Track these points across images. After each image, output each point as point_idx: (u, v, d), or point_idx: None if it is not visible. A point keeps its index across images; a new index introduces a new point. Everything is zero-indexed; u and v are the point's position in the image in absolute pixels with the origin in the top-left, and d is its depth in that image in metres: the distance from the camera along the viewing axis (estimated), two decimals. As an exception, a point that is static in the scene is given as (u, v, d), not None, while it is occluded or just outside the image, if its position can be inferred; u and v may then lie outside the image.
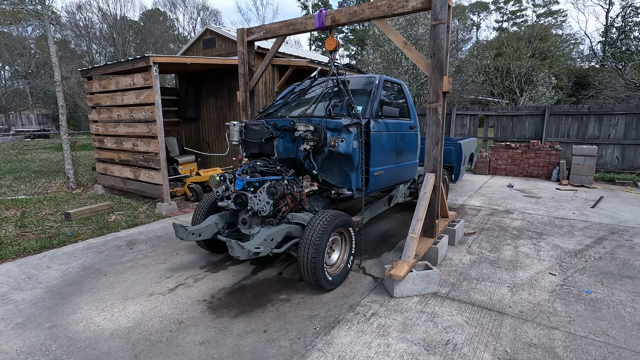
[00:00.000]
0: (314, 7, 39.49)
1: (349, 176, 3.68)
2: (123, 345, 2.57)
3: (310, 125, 3.47)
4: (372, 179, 3.84)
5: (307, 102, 4.29)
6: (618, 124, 9.19)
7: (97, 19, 31.72)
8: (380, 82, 4.20)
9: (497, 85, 22.42)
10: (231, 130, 4.09)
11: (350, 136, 3.48)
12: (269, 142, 3.99)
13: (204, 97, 8.68)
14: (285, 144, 3.91)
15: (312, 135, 3.47)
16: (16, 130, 24.69)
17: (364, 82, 4.30)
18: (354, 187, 3.71)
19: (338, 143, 3.43)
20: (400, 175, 4.54)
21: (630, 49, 18.43)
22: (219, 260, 4.08)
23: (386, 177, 4.15)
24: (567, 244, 4.56)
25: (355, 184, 3.70)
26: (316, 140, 3.48)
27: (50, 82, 23.18)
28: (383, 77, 4.32)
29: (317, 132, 3.49)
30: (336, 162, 3.67)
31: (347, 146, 3.45)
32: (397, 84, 4.71)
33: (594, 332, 2.70)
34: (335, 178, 3.79)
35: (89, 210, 5.86)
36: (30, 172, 10.10)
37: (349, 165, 3.61)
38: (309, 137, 3.46)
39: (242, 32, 5.08)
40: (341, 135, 3.46)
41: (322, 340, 2.61)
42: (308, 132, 3.46)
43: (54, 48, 7.34)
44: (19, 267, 3.92)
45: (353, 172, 3.65)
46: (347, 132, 3.48)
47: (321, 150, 3.58)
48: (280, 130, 3.89)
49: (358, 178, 3.70)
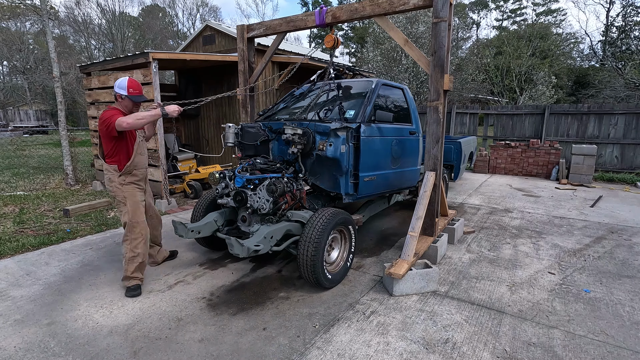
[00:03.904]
0: (314, 4, 39.32)
1: (338, 180, 3.66)
2: (122, 342, 2.56)
3: (298, 129, 3.49)
4: (362, 184, 3.80)
5: (305, 105, 4.28)
6: (618, 123, 9.20)
7: (96, 14, 31.60)
8: (377, 86, 4.17)
9: (497, 84, 22.42)
10: (227, 132, 4.09)
11: (339, 140, 3.47)
12: (265, 145, 4.00)
13: (204, 94, 8.65)
14: (279, 146, 3.92)
15: (300, 138, 3.48)
16: (14, 126, 24.61)
17: (360, 86, 4.28)
18: (343, 192, 3.70)
19: (326, 147, 3.43)
20: (399, 181, 4.47)
21: (631, 49, 18.42)
22: (218, 257, 4.08)
23: (380, 183, 4.08)
24: (567, 243, 4.56)
25: (344, 189, 3.69)
26: (304, 144, 3.50)
27: (48, 78, 23.10)
28: (381, 82, 4.29)
29: (305, 135, 3.49)
30: (325, 166, 3.66)
31: (334, 150, 3.45)
32: (399, 88, 4.67)
33: (593, 332, 2.71)
34: (324, 182, 3.78)
35: (87, 206, 5.84)
36: (29, 168, 10.06)
37: (338, 169, 3.60)
38: (296, 140, 3.48)
39: (242, 28, 5.05)
40: (329, 139, 3.46)
41: (322, 338, 2.61)
42: (296, 135, 3.48)
43: (52, 43, 7.30)
44: (17, 263, 3.91)
45: (342, 176, 3.63)
46: (336, 136, 3.47)
47: (310, 154, 3.60)
48: (275, 133, 3.90)
49: (347, 183, 3.68)
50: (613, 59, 19.67)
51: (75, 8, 31.82)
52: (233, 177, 3.60)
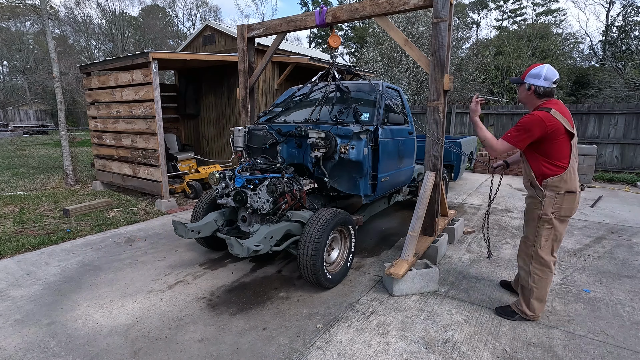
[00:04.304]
0: (314, 4, 39.32)
1: (358, 182, 3.69)
2: (122, 342, 2.56)
3: (322, 132, 3.45)
4: (380, 185, 3.86)
5: (308, 107, 4.25)
6: (617, 123, 9.20)
7: (96, 14, 31.61)
8: (383, 88, 4.23)
9: (497, 84, 22.42)
10: (235, 135, 4.04)
11: (361, 143, 3.48)
12: (273, 148, 3.97)
13: (204, 94, 8.64)
14: (289, 149, 3.89)
15: (324, 142, 3.45)
16: (14, 126, 24.61)
17: (368, 89, 4.29)
18: (362, 193, 3.73)
19: (349, 150, 3.43)
20: (400, 180, 4.56)
21: (631, 49, 18.43)
22: (218, 257, 4.08)
23: (390, 182, 4.19)
24: (566, 243, 4.56)
25: (364, 190, 3.73)
26: (327, 148, 3.47)
27: (48, 78, 23.09)
28: (385, 84, 4.34)
29: (328, 139, 3.47)
30: (345, 168, 3.67)
31: (357, 153, 3.45)
32: (395, 90, 4.72)
33: (593, 332, 2.71)
34: (343, 184, 3.80)
35: (87, 206, 5.84)
36: (29, 168, 10.06)
37: (359, 172, 3.62)
38: (320, 144, 3.43)
39: (242, 28, 5.05)
40: (352, 142, 3.45)
41: (322, 338, 2.61)
42: (320, 139, 3.44)
43: (52, 43, 7.30)
44: (17, 263, 3.91)
45: (362, 178, 3.66)
46: (358, 139, 3.48)
47: (331, 157, 3.57)
48: (284, 136, 3.86)
49: (366, 184, 3.72)
50: (613, 59, 19.68)
51: (75, 8, 31.84)
52: (233, 177, 3.60)
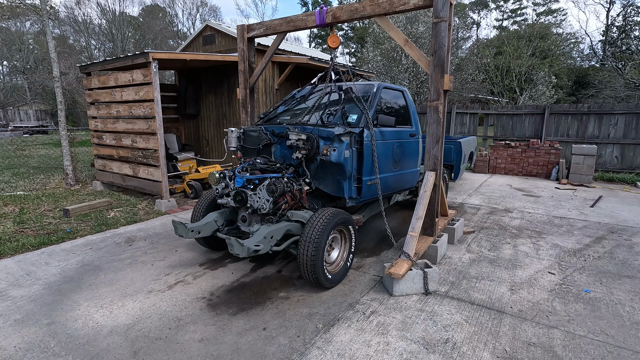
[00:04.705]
0: (314, 4, 39.32)
1: (342, 185, 3.68)
2: (122, 342, 2.56)
3: (302, 134, 3.49)
4: (365, 188, 3.82)
5: (306, 108, 4.28)
6: (618, 123, 9.20)
7: (96, 14, 31.60)
8: (378, 90, 4.18)
9: (497, 84, 22.42)
10: (229, 136, 4.09)
11: (342, 145, 3.48)
12: (267, 148, 4.00)
13: (204, 94, 8.64)
14: (282, 150, 3.92)
15: (304, 143, 3.49)
16: (14, 126, 24.60)
17: (361, 90, 4.28)
18: (347, 196, 3.72)
19: (330, 152, 3.44)
20: (399, 183, 4.51)
21: (631, 49, 18.43)
22: (218, 257, 4.08)
23: (382, 185, 4.10)
24: (567, 243, 4.56)
25: (348, 193, 3.71)
26: (308, 149, 3.51)
27: (48, 78, 23.07)
28: (382, 85, 4.30)
29: (309, 140, 3.50)
30: (329, 170, 3.67)
31: (338, 155, 3.45)
32: (399, 90, 4.68)
33: (593, 332, 2.71)
34: (328, 186, 3.79)
35: (87, 206, 5.84)
36: (29, 168, 10.06)
37: (341, 174, 3.61)
38: (300, 145, 3.48)
39: (243, 28, 5.05)
40: (333, 145, 3.46)
41: (322, 338, 2.61)
42: (300, 140, 3.48)
43: (52, 43, 7.30)
44: (17, 263, 3.91)
45: (345, 180, 3.65)
46: (339, 141, 3.48)
47: (314, 159, 3.60)
48: (277, 137, 3.90)
49: (351, 187, 3.71)
50: (613, 59, 19.68)
51: (75, 8, 31.85)
52: (233, 177, 3.60)
